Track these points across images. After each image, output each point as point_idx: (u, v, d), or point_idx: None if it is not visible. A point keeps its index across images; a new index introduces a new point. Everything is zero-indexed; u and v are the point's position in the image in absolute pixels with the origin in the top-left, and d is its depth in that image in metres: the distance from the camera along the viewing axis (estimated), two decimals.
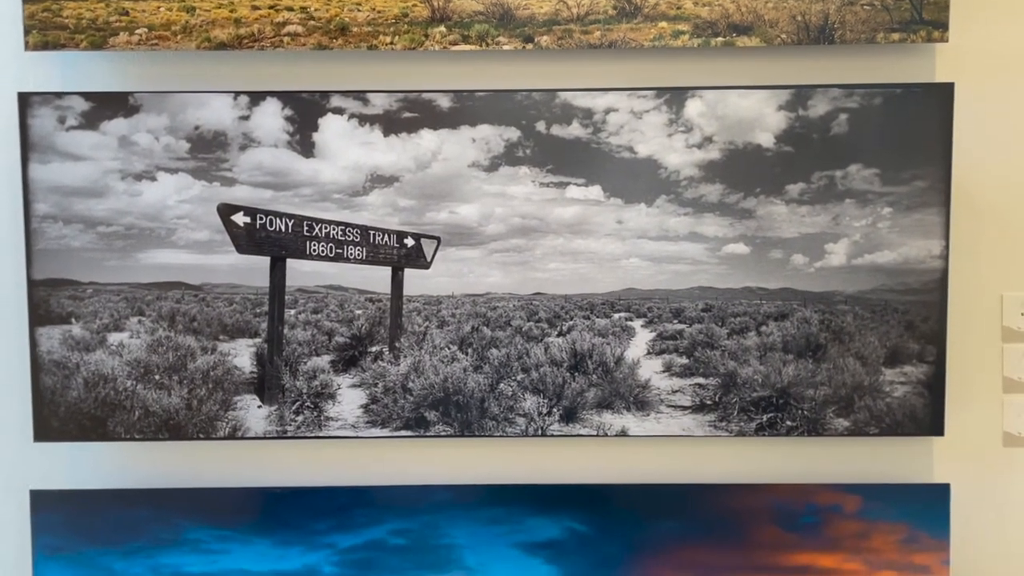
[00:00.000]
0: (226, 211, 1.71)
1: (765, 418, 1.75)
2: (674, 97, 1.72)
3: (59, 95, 1.71)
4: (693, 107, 1.71)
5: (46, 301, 1.73)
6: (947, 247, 1.71)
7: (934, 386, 1.72)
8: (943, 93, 1.69)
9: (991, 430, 1.78)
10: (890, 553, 1.73)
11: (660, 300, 1.76)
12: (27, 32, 1.71)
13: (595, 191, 1.73)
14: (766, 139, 1.71)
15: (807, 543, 1.74)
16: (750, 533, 1.74)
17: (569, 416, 1.77)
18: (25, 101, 1.71)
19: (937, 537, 1.72)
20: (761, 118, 1.71)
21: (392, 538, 1.77)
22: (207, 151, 1.71)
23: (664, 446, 1.79)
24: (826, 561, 1.74)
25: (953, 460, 1.77)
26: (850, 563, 1.74)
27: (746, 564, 1.75)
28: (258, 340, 1.75)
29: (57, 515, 1.74)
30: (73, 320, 1.74)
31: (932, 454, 1.77)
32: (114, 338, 1.75)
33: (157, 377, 1.75)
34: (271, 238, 1.72)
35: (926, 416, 1.73)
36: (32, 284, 1.72)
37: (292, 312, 1.76)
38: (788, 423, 1.75)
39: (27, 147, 1.71)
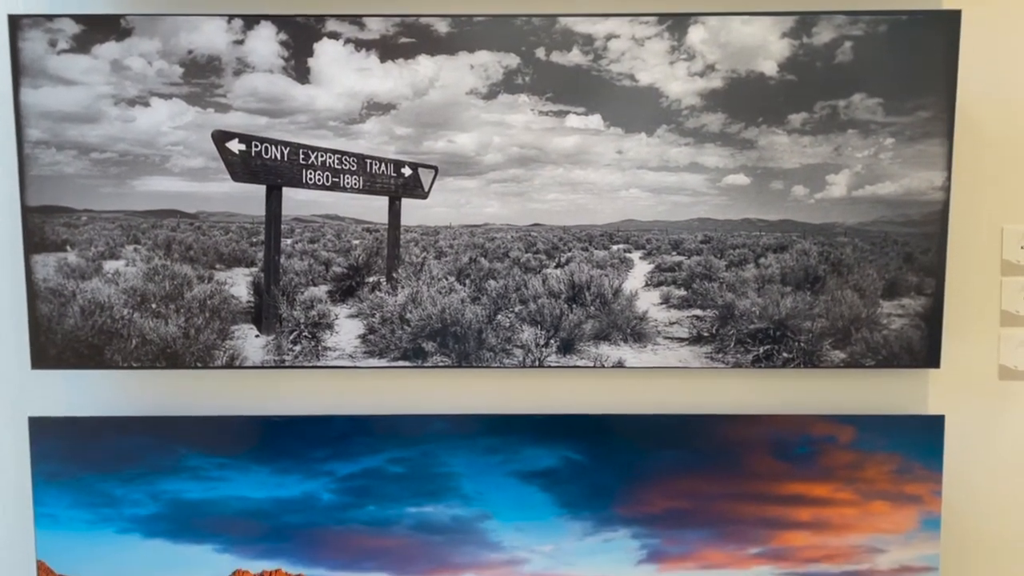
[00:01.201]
0: (221, 138, 1.68)
1: (762, 350, 1.75)
2: (676, 23, 1.68)
3: (50, 18, 1.67)
4: (695, 34, 1.68)
5: (41, 228, 1.72)
6: (949, 179, 1.69)
7: (931, 319, 1.72)
8: (949, 21, 1.66)
9: (987, 363, 1.78)
10: (883, 483, 1.74)
11: (659, 232, 1.75)
12: None
13: (595, 120, 1.71)
14: (769, 67, 1.68)
15: (801, 473, 1.75)
16: (744, 463, 1.76)
17: (566, 347, 1.77)
18: (15, 24, 1.67)
19: (930, 468, 1.74)
20: (764, 46, 1.68)
21: (390, 466, 1.78)
22: (201, 76, 1.69)
23: (661, 378, 1.79)
24: (819, 491, 1.76)
25: (948, 393, 1.78)
26: (843, 493, 1.75)
27: (740, 493, 1.76)
28: (255, 269, 1.75)
29: (56, 442, 1.75)
30: (68, 248, 1.73)
31: (928, 386, 1.78)
32: (110, 266, 1.74)
33: (154, 306, 1.74)
34: (266, 166, 1.70)
35: (923, 348, 1.73)
36: (27, 211, 1.71)
37: (289, 242, 1.75)
38: (785, 355, 1.75)
39: (18, 71, 1.68)
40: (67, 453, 1.75)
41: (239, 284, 1.75)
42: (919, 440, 1.74)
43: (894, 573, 1.76)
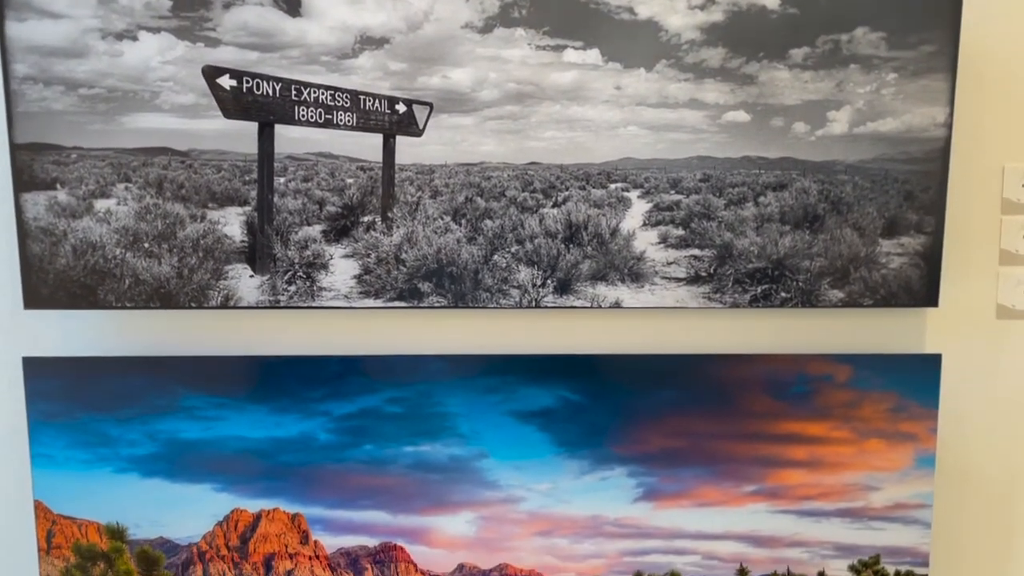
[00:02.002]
0: (211, 73, 1.65)
1: (759, 290, 1.75)
2: None
3: None
4: None
5: (30, 166, 1.69)
6: (951, 115, 1.67)
7: (930, 257, 1.71)
8: None
9: (985, 302, 1.78)
10: (878, 421, 1.75)
11: (657, 170, 1.73)
12: None
13: (593, 55, 1.67)
14: (771, 0, 1.65)
15: (797, 412, 1.76)
16: (741, 402, 1.76)
17: (563, 288, 1.76)
18: None
19: (926, 406, 1.74)
20: None
21: (387, 406, 1.78)
22: (189, 9, 1.64)
23: (658, 318, 1.79)
24: (815, 429, 1.76)
25: (946, 332, 1.78)
26: (838, 431, 1.76)
27: (736, 432, 1.77)
28: (248, 208, 1.73)
29: (51, 382, 1.74)
30: (58, 186, 1.70)
31: (925, 326, 1.78)
32: (101, 205, 1.72)
33: (146, 245, 1.72)
34: (258, 102, 1.67)
35: (921, 287, 1.73)
36: (15, 148, 1.68)
37: (282, 180, 1.72)
38: (783, 295, 1.74)
39: (2, 3, 1.63)
40: (62, 393, 1.75)
41: (232, 223, 1.73)
42: (916, 379, 1.74)
43: (888, 510, 1.77)
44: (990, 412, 1.81)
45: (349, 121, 1.71)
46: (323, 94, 1.69)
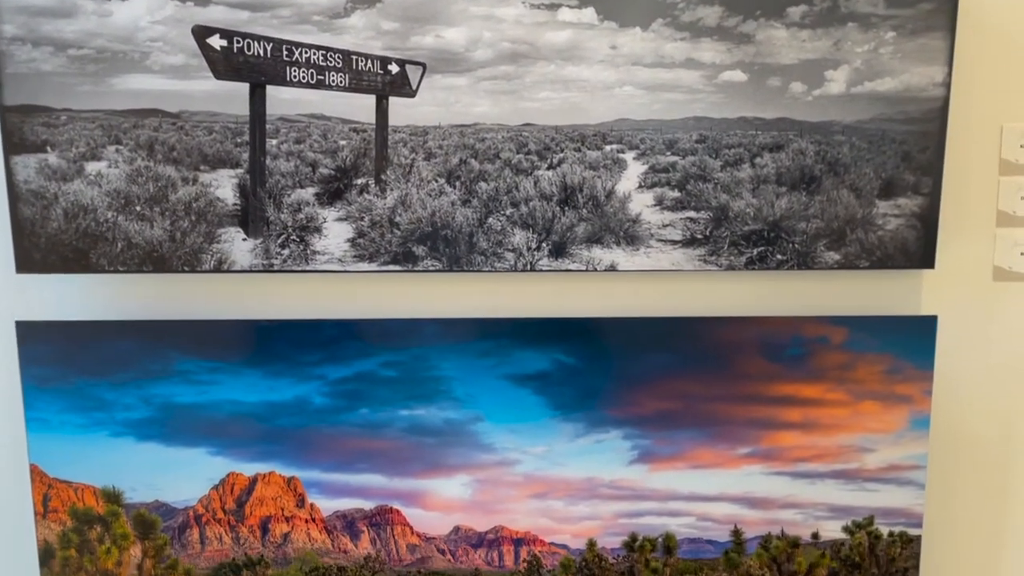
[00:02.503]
0: (201, 33, 1.63)
1: (755, 252, 1.74)
2: None
3: None
4: None
5: (20, 128, 1.67)
6: (950, 74, 1.65)
7: (927, 219, 1.71)
8: None
9: (982, 264, 1.77)
10: (873, 383, 1.75)
11: (653, 131, 1.72)
12: None
13: (588, 13, 1.65)
14: None
15: (792, 374, 1.76)
16: (736, 365, 1.76)
17: (558, 251, 1.75)
18: None
19: (921, 368, 1.74)
20: None
21: (382, 370, 1.78)
22: None
23: (653, 281, 1.78)
24: (810, 391, 1.76)
25: (942, 293, 1.77)
26: (833, 393, 1.76)
27: (731, 395, 1.77)
28: (240, 171, 1.71)
29: (45, 346, 1.73)
30: (49, 148, 1.69)
31: (921, 288, 1.77)
32: (92, 167, 1.70)
33: (138, 208, 1.71)
34: (249, 63, 1.65)
35: (918, 249, 1.72)
36: (4, 110, 1.66)
37: (274, 142, 1.71)
38: (779, 257, 1.73)
39: None
40: (56, 357, 1.74)
41: (224, 186, 1.72)
42: (911, 341, 1.74)
43: (882, 472, 1.78)
44: (985, 374, 1.81)
45: (341, 82, 1.69)
46: (315, 54, 1.67)
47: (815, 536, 1.81)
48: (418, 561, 1.85)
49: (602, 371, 1.77)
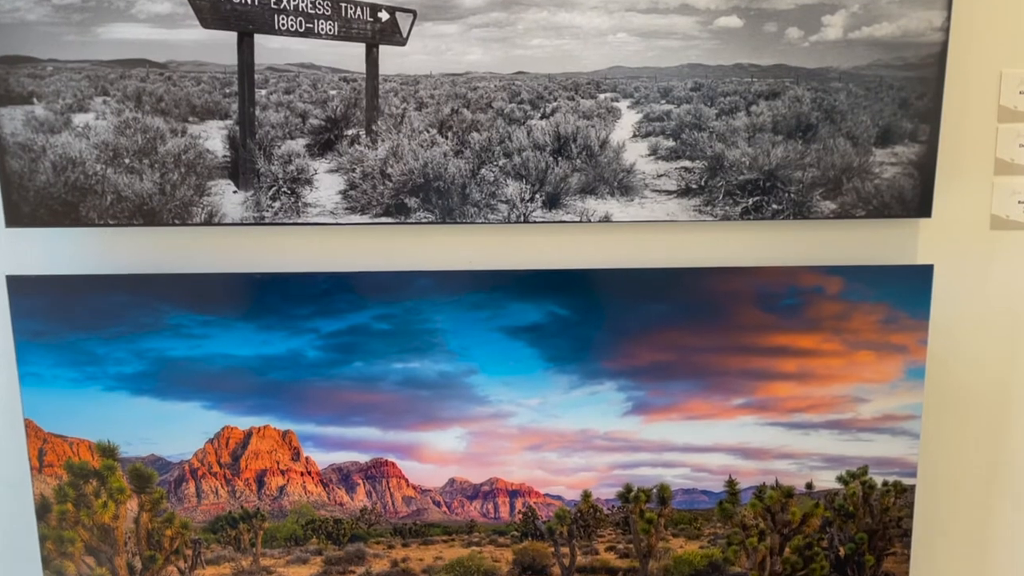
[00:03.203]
0: None
1: (751, 202, 1.72)
2: None
3: None
4: None
5: (5, 80, 1.65)
6: (948, 19, 1.62)
7: (924, 167, 1.69)
8: None
9: (979, 213, 1.76)
10: (869, 333, 1.74)
11: (648, 79, 1.69)
12: None
13: None
14: None
15: (787, 324, 1.75)
16: (731, 315, 1.75)
17: (552, 202, 1.74)
18: None
19: (917, 317, 1.73)
20: None
21: (375, 323, 1.77)
22: None
23: (648, 231, 1.77)
24: (805, 342, 1.76)
25: (939, 242, 1.76)
26: (828, 343, 1.75)
27: (725, 346, 1.76)
28: (229, 122, 1.69)
29: (36, 301, 1.72)
30: (35, 100, 1.67)
31: (918, 237, 1.76)
32: (79, 119, 1.68)
33: (127, 161, 1.69)
34: (237, 11, 1.62)
35: (914, 198, 1.70)
36: None
37: (263, 92, 1.68)
38: (774, 206, 1.72)
39: None
40: (48, 312, 1.73)
41: (214, 137, 1.70)
42: (907, 290, 1.73)
43: (877, 422, 1.78)
44: (981, 324, 1.80)
45: (330, 30, 1.66)
46: (303, 2, 1.64)
47: (809, 486, 1.81)
48: (414, 513, 1.86)
49: (596, 323, 1.76)
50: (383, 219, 1.74)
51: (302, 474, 1.84)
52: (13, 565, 1.89)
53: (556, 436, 1.81)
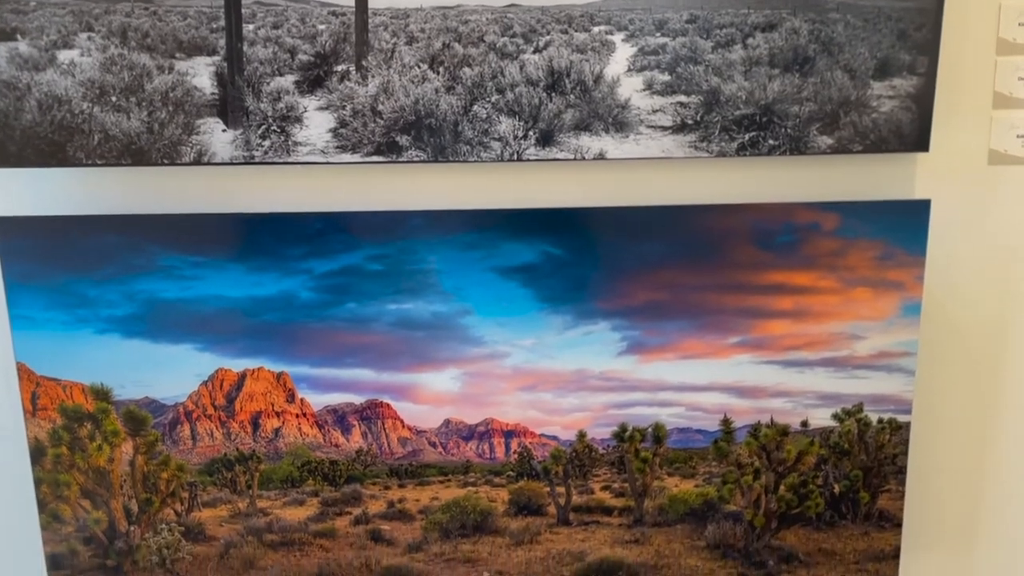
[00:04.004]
0: None
1: (747, 137, 1.70)
2: None
3: None
4: None
5: None
6: None
7: (922, 100, 1.67)
8: None
9: (977, 147, 1.74)
10: (865, 270, 1.73)
11: (642, 11, 1.66)
12: None
13: None
14: None
15: (783, 262, 1.74)
16: (726, 253, 1.74)
17: (546, 139, 1.72)
18: None
19: (914, 254, 1.72)
20: None
21: (368, 264, 1.76)
22: None
23: (643, 169, 1.75)
24: (801, 279, 1.75)
25: (936, 177, 1.74)
26: (824, 280, 1.74)
27: (721, 284, 1.75)
28: (217, 58, 1.66)
29: (25, 242, 1.71)
30: (19, 36, 1.63)
31: (915, 171, 1.74)
32: (64, 56, 1.65)
33: (114, 99, 1.67)
34: None
35: (912, 132, 1.68)
36: None
37: (250, 27, 1.65)
38: (771, 142, 1.70)
39: None
40: (38, 254, 1.72)
41: (201, 74, 1.67)
42: (904, 226, 1.71)
43: (872, 359, 1.77)
44: (978, 259, 1.79)
45: None
46: None
47: (804, 424, 1.81)
48: (409, 454, 1.86)
49: (591, 262, 1.75)
50: (374, 158, 1.71)
51: (297, 416, 1.84)
52: (9, 509, 1.90)
53: (551, 376, 1.80)
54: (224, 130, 1.69)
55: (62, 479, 1.81)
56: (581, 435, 1.83)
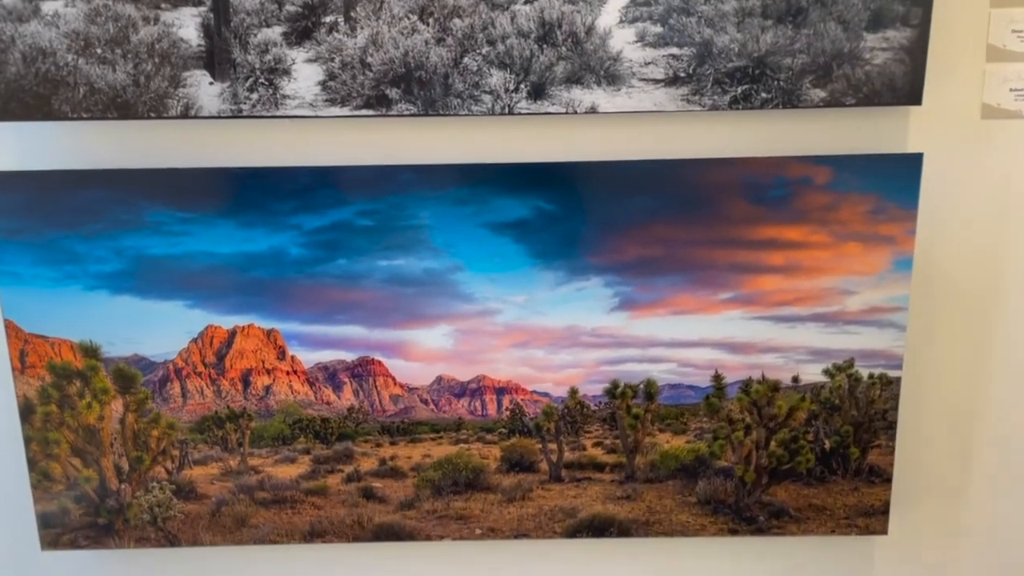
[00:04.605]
0: None
1: (740, 90, 1.69)
2: None
3: None
4: None
5: None
6: None
7: (916, 52, 1.65)
8: None
9: (970, 101, 1.73)
10: (857, 224, 1.73)
11: None
12: None
13: None
14: None
15: (775, 216, 1.73)
16: (718, 208, 1.73)
17: (537, 92, 1.70)
18: None
19: (905, 208, 1.71)
20: None
21: (358, 219, 1.74)
22: None
23: (635, 123, 1.73)
24: (792, 234, 1.74)
25: (929, 131, 1.73)
26: (816, 235, 1.74)
27: (712, 239, 1.74)
28: (203, 9, 1.64)
29: (11, 197, 1.69)
30: None
31: (908, 125, 1.73)
32: (48, 7, 1.62)
33: (99, 51, 1.64)
34: None
35: (905, 85, 1.67)
36: None
37: None
38: (763, 95, 1.69)
39: None
40: (24, 209, 1.70)
41: (187, 25, 1.65)
42: (896, 180, 1.71)
43: (864, 314, 1.77)
44: (970, 214, 1.78)
45: None
46: None
47: (795, 380, 1.81)
48: (401, 411, 1.86)
49: (582, 217, 1.74)
50: (364, 111, 1.70)
51: (288, 373, 1.84)
52: None
53: (543, 333, 1.80)
54: (211, 83, 1.67)
55: (52, 437, 1.80)
56: (573, 392, 1.83)
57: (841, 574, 1.98)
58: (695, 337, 1.80)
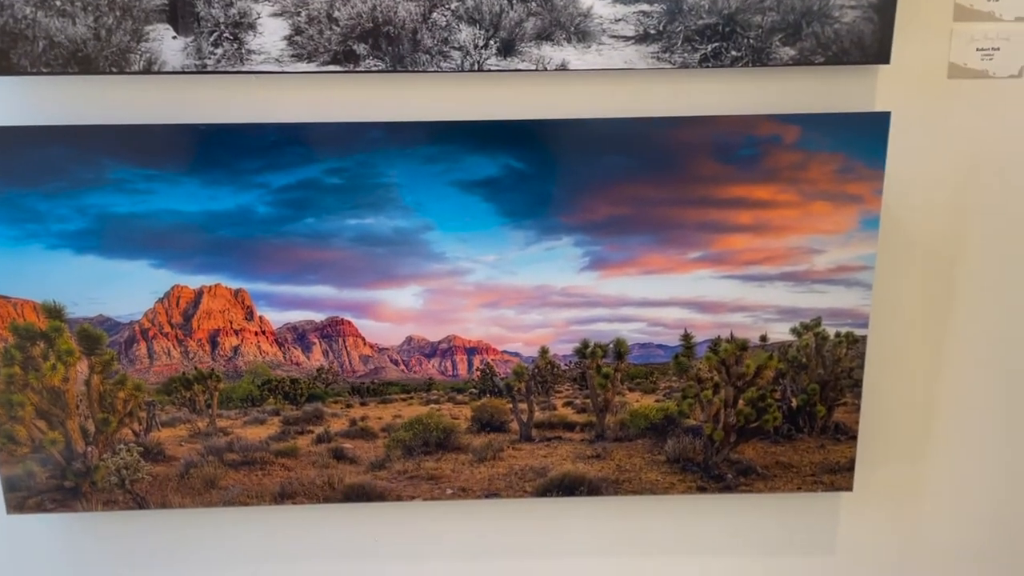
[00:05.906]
0: None
1: (710, 48, 1.68)
2: None
3: None
4: None
5: None
6: None
7: (884, 10, 1.66)
8: None
9: (937, 60, 1.74)
10: (825, 183, 1.73)
11: None
12: None
13: None
14: None
15: (743, 175, 1.73)
16: (687, 167, 1.73)
17: (507, 49, 1.68)
18: None
19: (873, 167, 1.72)
20: None
21: (327, 177, 1.72)
22: None
23: (605, 81, 1.73)
24: (761, 193, 1.75)
25: (896, 90, 1.74)
26: (784, 194, 1.75)
27: (682, 198, 1.75)
28: None
29: None
30: None
31: (876, 84, 1.74)
32: None
33: (58, 3, 1.60)
34: None
35: (873, 43, 1.67)
36: None
37: None
38: (733, 53, 1.68)
39: None
40: None
41: None
42: (863, 139, 1.71)
43: (831, 273, 1.79)
44: (936, 174, 1.80)
45: None
46: None
47: (763, 339, 1.83)
48: (371, 372, 1.85)
49: (553, 176, 1.74)
50: (331, 67, 1.67)
51: (256, 334, 1.82)
52: None
53: (513, 293, 1.80)
54: (174, 37, 1.64)
55: (16, 399, 1.77)
56: (543, 351, 1.83)
57: (807, 530, 2.02)
58: (665, 296, 1.80)
